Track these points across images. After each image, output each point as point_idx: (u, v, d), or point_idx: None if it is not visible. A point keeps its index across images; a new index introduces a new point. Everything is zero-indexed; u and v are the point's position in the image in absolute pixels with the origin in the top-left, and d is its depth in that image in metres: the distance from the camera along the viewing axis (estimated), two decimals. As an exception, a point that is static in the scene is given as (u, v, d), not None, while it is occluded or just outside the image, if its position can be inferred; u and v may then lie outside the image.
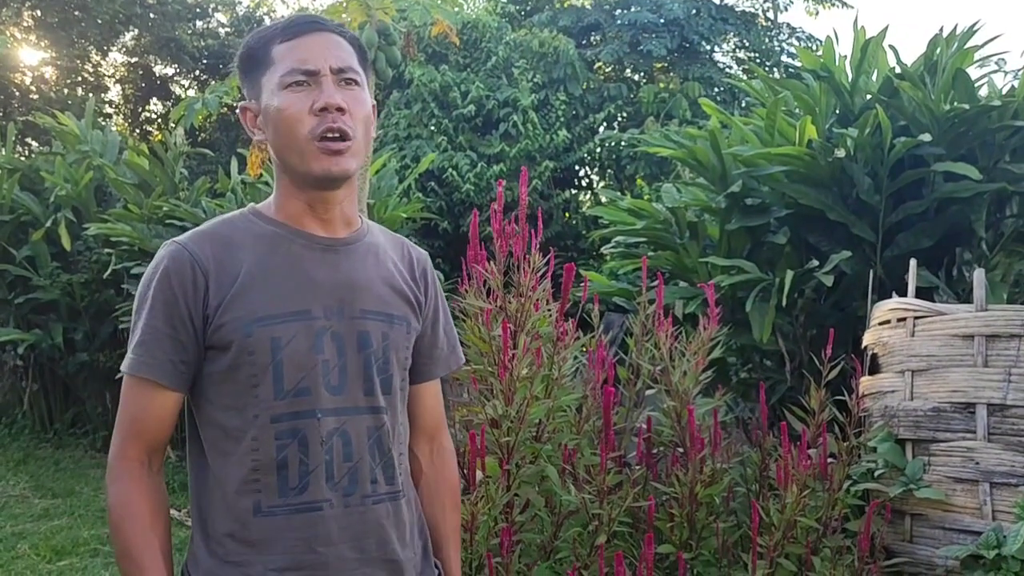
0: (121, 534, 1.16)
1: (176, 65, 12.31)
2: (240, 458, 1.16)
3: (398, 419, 1.27)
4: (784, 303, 3.46)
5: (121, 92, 12.96)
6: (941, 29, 3.76)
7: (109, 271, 6.02)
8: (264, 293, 1.17)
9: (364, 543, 1.18)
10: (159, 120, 13.03)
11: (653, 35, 9.40)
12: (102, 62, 12.63)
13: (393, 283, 1.28)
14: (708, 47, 10.21)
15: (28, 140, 11.13)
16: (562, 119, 8.57)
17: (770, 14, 10.96)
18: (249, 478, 1.16)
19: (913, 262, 2.99)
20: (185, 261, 1.17)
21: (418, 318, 1.32)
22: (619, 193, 7.97)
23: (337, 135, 1.16)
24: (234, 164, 6.02)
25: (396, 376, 1.26)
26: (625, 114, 9.56)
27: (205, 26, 12.50)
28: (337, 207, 1.24)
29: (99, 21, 11.13)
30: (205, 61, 12.09)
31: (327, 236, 1.24)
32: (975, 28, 3.73)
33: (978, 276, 2.55)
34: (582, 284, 2.80)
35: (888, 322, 2.78)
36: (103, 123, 9.58)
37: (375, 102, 1.30)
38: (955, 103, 3.49)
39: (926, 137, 3.37)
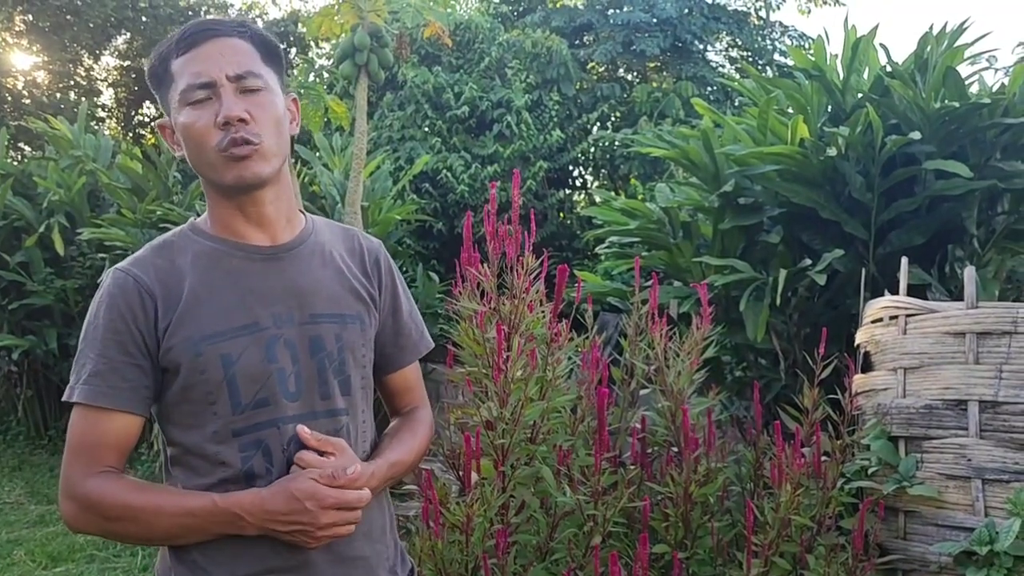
0: (113, 507, 1.12)
1: (169, 68, 12.30)
2: (208, 471, 1.17)
3: (359, 418, 1.27)
4: (778, 302, 3.47)
5: (114, 96, 12.95)
6: (931, 27, 3.78)
7: (103, 276, 6.01)
8: (209, 311, 1.17)
9: (332, 543, 1.18)
10: (152, 123, 13.00)
11: (646, 34, 9.42)
12: (94, 66, 12.62)
13: (343, 282, 1.27)
14: (701, 46, 10.23)
15: (20, 145, 11.10)
16: (556, 119, 8.58)
17: (762, 13, 11.00)
18: (218, 489, 1.16)
19: (904, 260, 3.00)
20: (130, 287, 1.16)
21: (372, 313, 1.31)
22: (613, 193, 7.98)
23: (242, 144, 1.15)
24: (227, 167, 6.01)
25: (355, 376, 1.26)
26: (619, 114, 9.58)
27: (198, 29, 12.48)
28: (269, 207, 1.23)
29: (91, 25, 11.11)
30: (198, 64, 12.07)
31: (268, 245, 1.23)
32: (965, 26, 3.75)
33: (968, 273, 2.56)
34: (576, 285, 2.81)
35: (880, 320, 2.79)
36: (96, 127, 9.56)
37: (295, 96, 1.28)
38: (945, 101, 3.51)
39: (917, 135, 3.39)
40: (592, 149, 8.98)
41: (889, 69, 3.72)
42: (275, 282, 1.21)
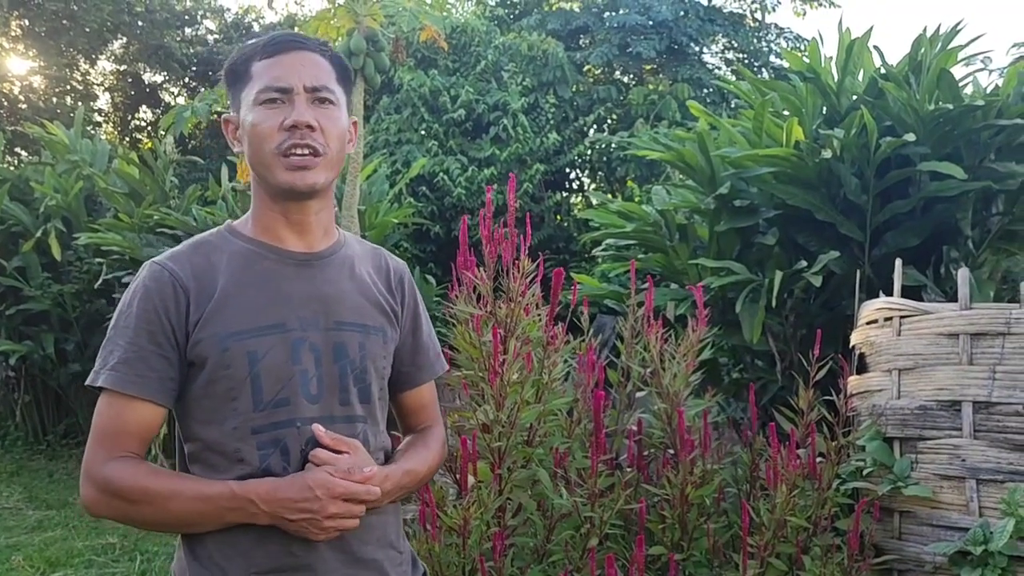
0: (130, 490, 1.15)
1: (165, 72, 12.31)
2: (227, 467, 1.19)
3: (379, 427, 1.30)
4: (774, 303, 3.49)
5: (110, 100, 12.95)
6: (924, 29, 3.79)
7: (100, 281, 6.02)
8: (239, 308, 1.20)
9: (345, 545, 1.21)
10: (149, 128, 13.00)
11: (642, 37, 9.44)
12: (91, 70, 12.62)
13: (368, 294, 1.31)
14: (697, 48, 10.26)
15: (17, 150, 11.11)
16: (552, 122, 8.60)
17: (758, 15, 11.03)
18: None
19: (898, 262, 3.01)
20: (166, 280, 1.20)
21: (394, 328, 1.34)
22: (610, 195, 8.00)
23: (306, 151, 1.20)
24: (224, 171, 6.03)
25: (374, 385, 1.29)
26: (615, 116, 9.60)
27: (194, 33, 12.50)
28: (312, 217, 1.27)
29: (87, 30, 11.11)
30: (194, 68, 12.09)
31: (303, 251, 1.27)
32: (958, 28, 3.77)
33: (962, 275, 2.57)
34: (572, 288, 2.82)
35: (875, 321, 2.80)
36: (92, 132, 9.56)
37: (356, 119, 1.34)
38: (939, 103, 3.52)
39: (911, 137, 3.40)
40: (589, 152, 9.00)
41: (883, 71, 3.74)
42: (304, 287, 1.25)
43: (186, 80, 12.47)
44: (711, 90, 9.32)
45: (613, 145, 8.55)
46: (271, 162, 1.21)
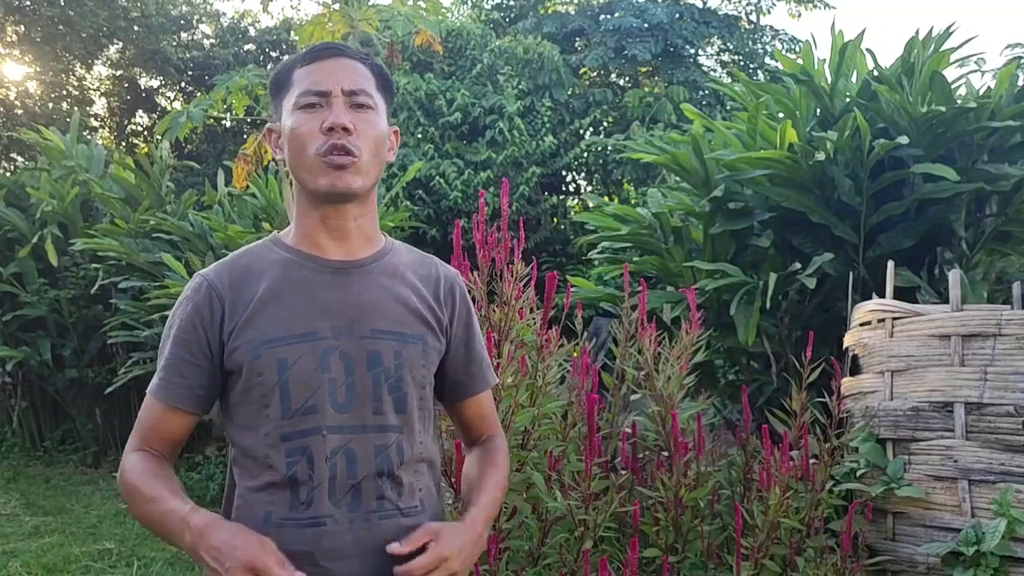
0: (129, 484, 1.21)
1: (161, 77, 12.30)
2: (258, 473, 1.21)
3: (416, 437, 1.27)
4: (768, 305, 3.50)
5: (106, 105, 12.93)
6: (917, 31, 3.81)
7: (97, 286, 6.01)
8: (273, 317, 1.22)
9: (374, 557, 1.20)
10: (145, 133, 13.00)
11: (637, 40, 9.46)
12: (87, 75, 12.61)
13: (409, 303, 1.29)
14: (692, 51, 10.27)
15: (13, 156, 11.10)
16: (548, 125, 8.61)
17: (753, 17, 11.05)
18: (264, 491, 1.20)
19: (891, 264, 3.02)
20: (204, 290, 1.24)
21: (438, 337, 1.32)
22: (606, 198, 8.01)
23: (342, 153, 1.21)
24: (220, 176, 6.03)
25: (412, 395, 1.26)
26: (611, 119, 9.61)
27: (190, 38, 12.49)
28: (352, 223, 1.27)
29: (83, 35, 11.10)
30: (190, 73, 12.08)
31: (341, 259, 1.27)
32: (951, 30, 3.79)
33: (953, 276, 2.59)
34: (566, 291, 2.83)
35: (868, 323, 2.82)
36: (88, 137, 9.56)
37: (397, 128, 1.34)
38: (932, 105, 3.54)
39: (904, 139, 3.42)
40: (585, 154, 9.01)
41: (876, 73, 3.76)
42: (339, 295, 1.25)
43: (182, 85, 12.46)
44: (707, 92, 9.34)
45: (609, 148, 8.56)
46: (310, 164, 1.22)
